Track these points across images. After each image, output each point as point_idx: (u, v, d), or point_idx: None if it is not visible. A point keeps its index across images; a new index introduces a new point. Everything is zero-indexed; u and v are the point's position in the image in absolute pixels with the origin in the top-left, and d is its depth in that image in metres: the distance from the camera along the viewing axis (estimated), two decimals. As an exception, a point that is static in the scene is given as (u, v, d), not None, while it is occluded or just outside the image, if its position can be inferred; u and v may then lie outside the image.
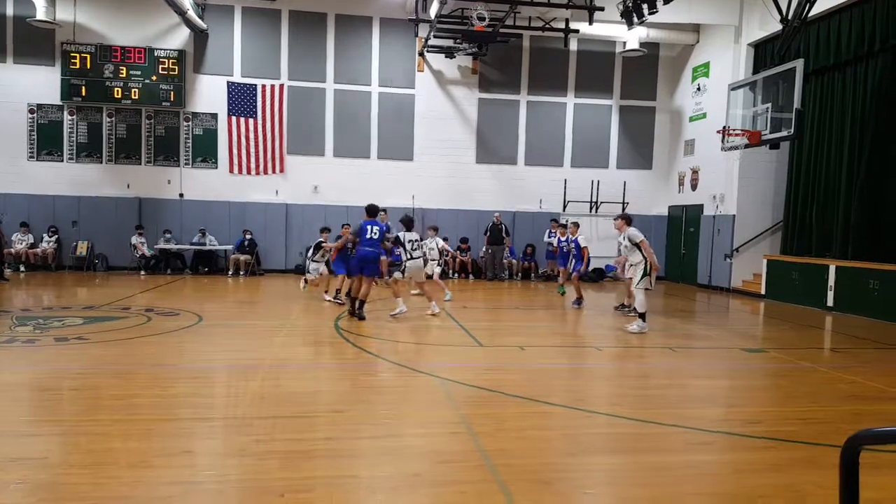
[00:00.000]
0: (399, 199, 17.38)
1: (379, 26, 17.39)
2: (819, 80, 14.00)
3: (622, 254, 9.98)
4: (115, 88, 16.26)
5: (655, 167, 18.79)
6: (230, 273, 16.11)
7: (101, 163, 16.65)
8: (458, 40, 16.36)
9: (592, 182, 18.24)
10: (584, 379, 6.67)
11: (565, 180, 18.20)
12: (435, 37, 16.22)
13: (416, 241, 9.93)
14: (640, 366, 7.24)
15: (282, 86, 17.09)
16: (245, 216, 16.92)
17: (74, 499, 3.41)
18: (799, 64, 11.35)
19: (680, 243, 17.94)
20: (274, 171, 17.26)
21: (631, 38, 16.62)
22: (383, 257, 11.87)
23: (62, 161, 16.46)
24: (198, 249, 16.48)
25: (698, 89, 17.34)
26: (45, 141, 16.37)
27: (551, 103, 18.23)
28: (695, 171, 17.38)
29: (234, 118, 16.90)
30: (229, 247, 16.61)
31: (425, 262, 10.77)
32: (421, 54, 17.48)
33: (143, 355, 7.02)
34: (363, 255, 9.51)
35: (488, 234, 17.10)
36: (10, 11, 15.94)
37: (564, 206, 18.17)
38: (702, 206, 16.91)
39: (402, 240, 9.85)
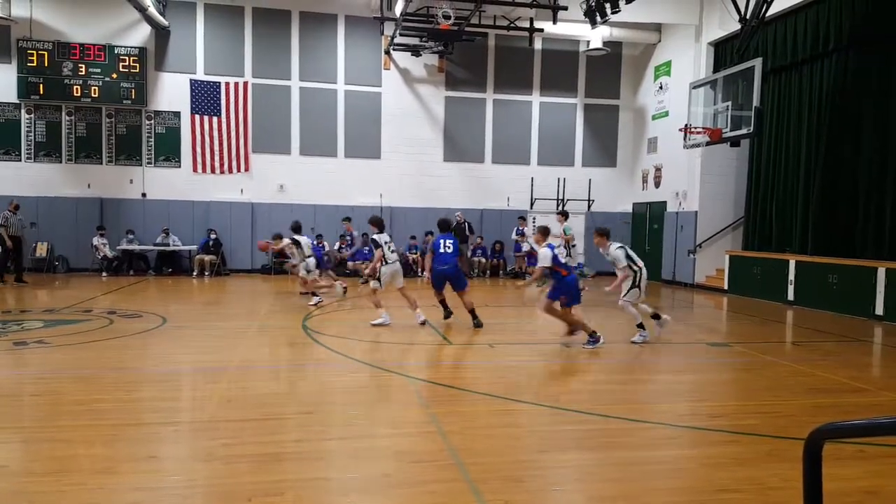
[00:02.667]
0: (366, 198, 17.29)
1: (344, 24, 17.25)
2: (777, 78, 14.38)
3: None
4: (75, 86, 15.78)
5: (620, 165, 19.07)
6: (195, 273, 15.81)
7: (61, 162, 16.16)
8: (424, 38, 16.33)
9: (559, 180, 18.44)
10: (553, 376, 6.75)
11: (532, 178, 18.35)
12: (401, 35, 16.16)
13: (390, 243, 9.33)
14: (606, 362, 7.35)
15: (246, 83, 16.82)
16: (209, 215, 16.61)
17: (35, 509, 3.31)
18: (757, 63, 11.65)
19: (644, 240, 18.27)
20: (239, 170, 16.99)
21: (594, 37, 16.83)
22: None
23: (20, 161, 15.94)
24: (161, 250, 16.12)
25: (661, 88, 17.66)
26: (2, 140, 15.82)
27: (517, 102, 18.35)
28: (658, 169, 17.70)
29: (197, 116, 16.58)
30: (193, 247, 16.29)
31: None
32: (387, 52, 17.40)
33: (106, 359, 6.84)
34: (442, 272, 8.92)
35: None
36: (-40, 6, 15.34)
37: (532, 204, 18.32)
38: (665, 202, 17.24)
39: (378, 242, 9.08)
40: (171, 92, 16.53)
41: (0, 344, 7.28)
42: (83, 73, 15.79)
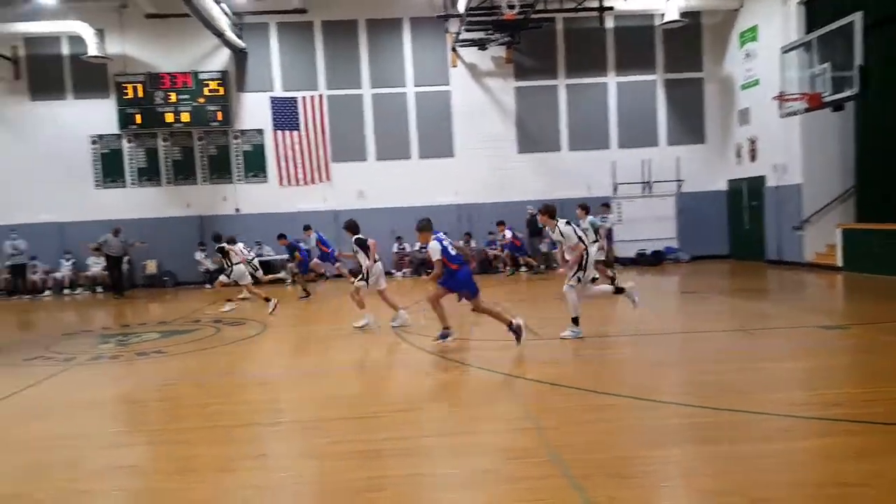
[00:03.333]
0: (443, 197, 17.45)
1: (409, 26, 17.50)
2: (881, 31, 13.17)
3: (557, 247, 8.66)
4: (167, 113, 16.96)
5: (709, 140, 18.19)
6: (288, 281, 16.55)
7: (161, 185, 17.42)
8: (489, 31, 16.27)
9: (643, 162, 17.83)
10: (649, 367, 6.55)
11: (613, 162, 17.85)
12: (466, 30, 16.19)
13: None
14: (708, 350, 7.06)
15: (321, 96, 17.43)
16: (298, 225, 17.28)
17: (168, 502, 3.62)
18: (857, 17, 10.78)
19: (742, 218, 17.32)
20: (321, 180, 17.64)
21: (670, 8, 16.14)
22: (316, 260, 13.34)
23: (125, 186, 17.31)
24: (259, 261, 16.98)
25: (747, 55, 16.68)
26: (109, 169, 17.25)
27: (592, 84, 17.90)
28: (752, 142, 16.74)
29: (278, 132, 17.36)
30: (285, 256, 17.03)
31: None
32: (453, 49, 17.48)
33: (217, 365, 7.38)
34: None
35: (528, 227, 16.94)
36: (65, 51, 16.85)
37: (615, 189, 17.83)
38: (763, 177, 16.27)
39: (367, 243, 8.97)
40: (254, 110, 17.40)
41: (124, 355, 7.97)
42: (173, 100, 16.94)
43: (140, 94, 16.87)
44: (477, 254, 16.90)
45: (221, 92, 17.03)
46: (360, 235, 9.12)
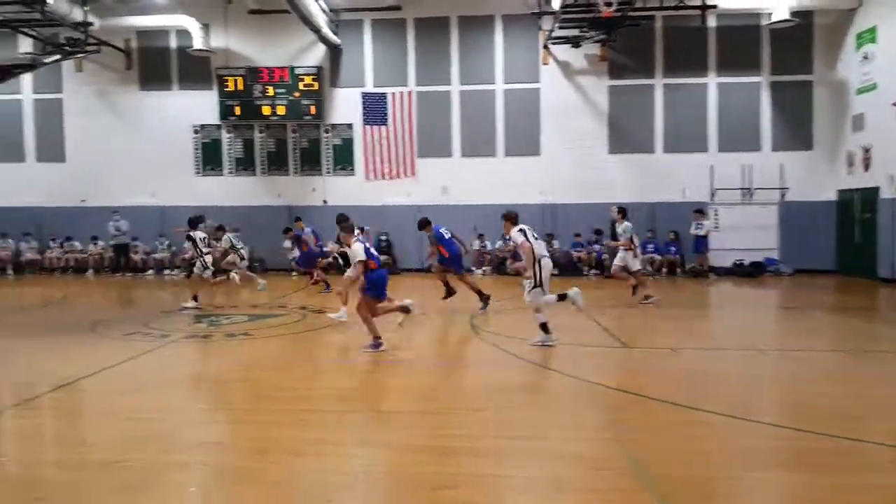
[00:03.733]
0: (527, 195, 17.22)
1: (501, 23, 17.40)
2: None
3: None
4: (264, 106, 17.71)
5: (817, 147, 16.95)
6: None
7: (255, 174, 18.24)
8: (584, 29, 15.88)
9: (743, 167, 16.86)
10: (743, 384, 6.16)
11: (711, 166, 16.99)
12: (560, 27, 15.88)
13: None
14: (809, 370, 6.56)
15: (410, 92, 17.65)
16: (382, 219, 17.68)
17: (247, 481, 3.76)
18: None
19: (853, 231, 16.03)
20: (406, 175, 17.88)
21: (779, 7, 15.14)
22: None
23: (223, 175, 18.25)
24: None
25: (865, 58, 15.39)
26: (208, 157, 18.24)
27: (690, 85, 17.10)
28: (866, 150, 15.44)
29: (368, 127, 17.75)
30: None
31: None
32: (545, 47, 17.21)
33: (301, 350, 7.64)
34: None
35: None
36: (173, 44, 17.95)
37: (712, 195, 16.97)
38: (877, 188, 14.98)
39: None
40: (345, 105, 17.87)
41: (215, 336, 8.39)
42: (271, 93, 17.67)
43: (240, 86, 17.70)
44: (561, 255, 16.59)
45: (316, 87, 17.59)
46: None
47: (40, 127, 18.37)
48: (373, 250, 7.57)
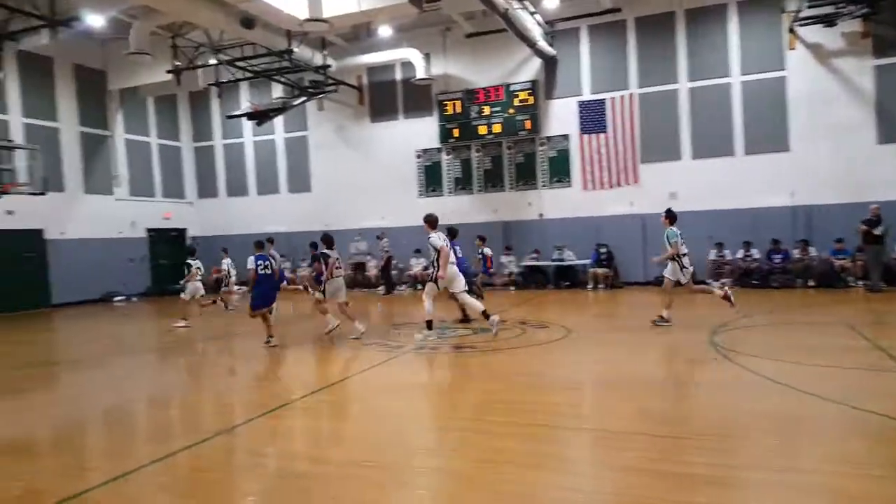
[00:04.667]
0: (773, 197, 15.65)
1: (736, 11, 16.16)
2: None
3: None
4: (480, 126, 18.70)
5: None
6: (590, 287, 16.77)
7: (473, 192, 19.28)
8: (840, 4, 14.06)
9: None
10: None
11: None
12: (809, 6, 14.30)
13: (339, 259, 10.30)
14: None
15: (631, 95, 17.24)
16: (600, 230, 17.45)
17: (482, 490, 4.00)
18: None
19: None
20: (627, 183, 17.44)
21: None
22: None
23: (442, 195, 19.61)
24: (558, 265, 17.66)
25: None
26: (430, 179, 19.77)
27: None
28: None
29: (585, 136, 17.71)
30: (587, 261, 17.32)
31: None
32: (790, 30, 15.56)
33: (524, 364, 7.88)
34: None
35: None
36: (398, 76, 19.85)
37: None
38: None
39: (329, 255, 10.03)
40: (560, 116, 18.09)
41: (442, 347, 9.06)
42: (486, 113, 18.61)
43: (458, 109, 18.94)
44: (819, 264, 14.77)
45: (531, 101, 18.10)
46: (324, 251, 10.04)
47: (290, 162, 21.59)
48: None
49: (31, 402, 7.21)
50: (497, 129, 18.55)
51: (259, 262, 9.64)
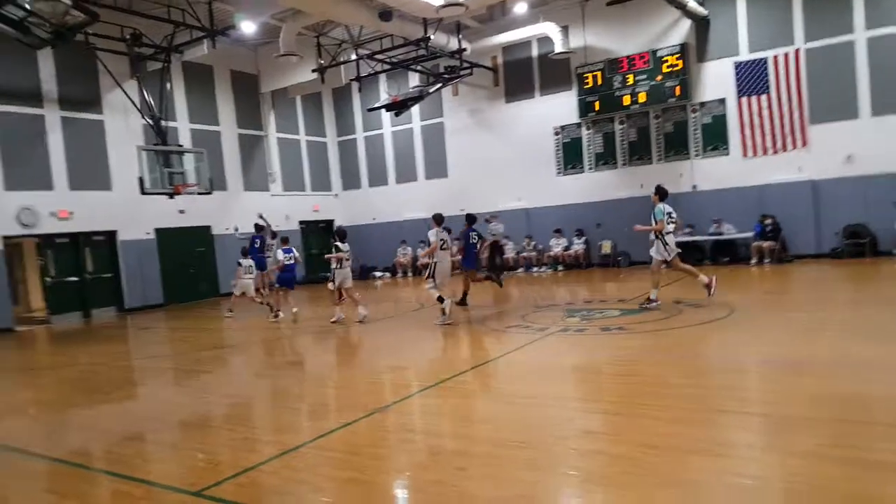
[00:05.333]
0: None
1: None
2: None
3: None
4: (624, 96, 17.91)
5: None
6: (753, 262, 15.59)
7: (617, 167, 18.58)
8: None
9: None
10: None
11: None
12: None
13: (349, 252, 11.38)
14: None
15: (797, 51, 15.64)
16: (763, 200, 16.08)
17: (654, 475, 3.86)
18: None
19: None
20: (794, 147, 15.90)
21: None
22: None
23: (583, 172, 19.08)
24: (716, 240, 16.54)
25: None
26: (569, 156, 19.31)
27: None
28: None
29: (743, 99, 16.40)
30: (749, 234, 16.05)
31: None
32: None
33: (681, 346, 7.50)
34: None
35: None
36: (534, 53, 19.51)
37: None
38: None
39: (341, 248, 11.16)
40: (714, 80, 16.86)
41: (589, 329, 8.83)
42: (630, 82, 17.77)
43: (599, 81, 18.25)
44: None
45: (680, 66, 17.02)
46: (337, 243, 11.21)
47: (427, 149, 22.08)
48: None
49: (211, 381, 8.09)
50: (642, 98, 17.66)
51: (286, 255, 12.37)
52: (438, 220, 11.10)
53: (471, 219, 12.24)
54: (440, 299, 10.23)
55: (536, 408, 5.45)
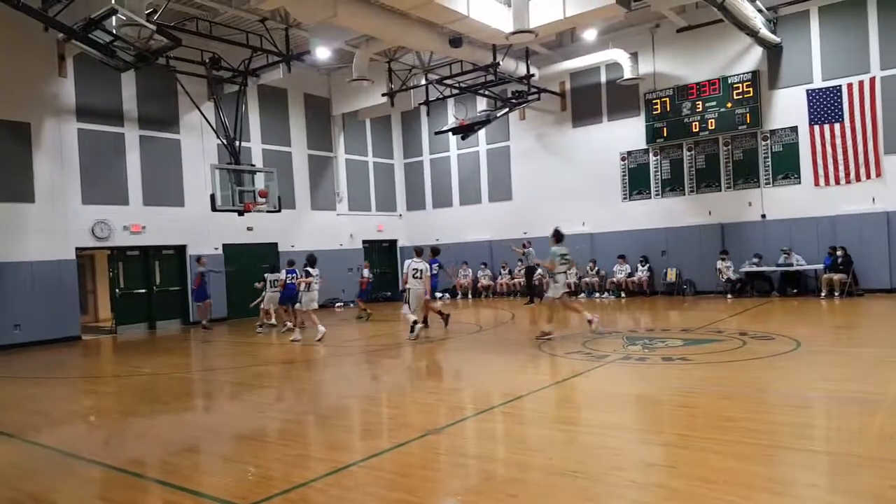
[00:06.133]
0: None
1: None
2: None
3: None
4: (693, 123, 17.70)
5: None
6: (822, 294, 15.01)
7: (684, 194, 18.30)
8: None
9: None
10: None
11: None
12: None
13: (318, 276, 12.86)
14: None
15: (872, 79, 15.18)
16: (834, 231, 15.51)
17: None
18: None
19: None
20: (868, 177, 15.37)
21: None
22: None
23: (650, 198, 18.86)
24: (784, 270, 16.03)
25: None
26: (635, 182, 19.14)
27: None
28: None
29: (816, 127, 15.96)
30: (819, 266, 15.48)
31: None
32: None
33: (746, 379, 7.38)
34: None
35: None
36: (602, 78, 19.52)
37: None
38: None
39: (310, 273, 12.64)
40: (786, 108, 16.50)
41: (651, 358, 8.76)
42: (700, 109, 17.56)
43: (667, 108, 18.12)
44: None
45: (751, 93, 16.76)
46: (308, 268, 12.69)
47: (492, 172, 22.31)
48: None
49: (266, 396, 8.26)
50: (712, 125, 17.41)
51: (289, 275, 14.14)
52: (419, 251, 12.40)
53: (435, 251, 13.74)
54: (415, 322, 11.67)
55: (593, 436, 5.46)
